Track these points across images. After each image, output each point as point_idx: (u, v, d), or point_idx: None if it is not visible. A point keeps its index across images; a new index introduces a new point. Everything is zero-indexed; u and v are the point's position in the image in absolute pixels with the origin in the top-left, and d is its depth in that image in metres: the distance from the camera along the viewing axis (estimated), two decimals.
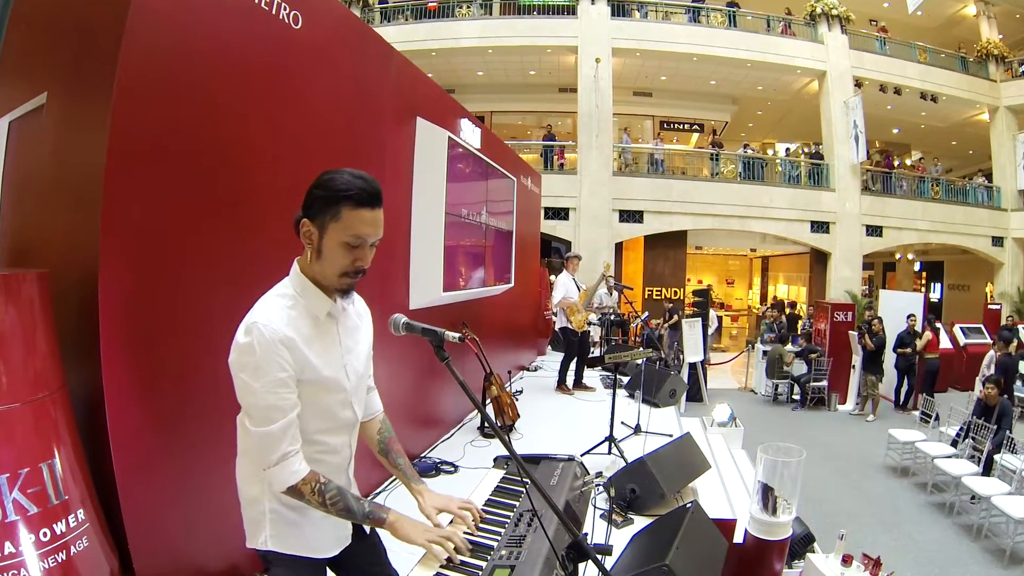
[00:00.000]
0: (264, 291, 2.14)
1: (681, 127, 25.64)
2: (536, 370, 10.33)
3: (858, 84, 21.10)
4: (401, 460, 2.57)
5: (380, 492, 4.56)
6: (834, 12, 20.92)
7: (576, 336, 8.62)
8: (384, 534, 2.43)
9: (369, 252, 2.09)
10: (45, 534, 2.20)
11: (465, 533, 2.54)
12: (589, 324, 9.10)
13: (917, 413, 10.55)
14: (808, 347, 14.74)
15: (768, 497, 3.88)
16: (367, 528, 2.46)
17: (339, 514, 2.14)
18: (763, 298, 29.83)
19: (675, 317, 16.25)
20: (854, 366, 14.29)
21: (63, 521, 2.27)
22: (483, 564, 2.48)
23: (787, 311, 20.54)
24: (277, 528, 2.17)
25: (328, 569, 2.39)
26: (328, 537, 2.30)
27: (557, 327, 9.05)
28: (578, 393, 8.58)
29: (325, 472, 2.19)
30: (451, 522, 2.59)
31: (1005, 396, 9.04)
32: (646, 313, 15.97)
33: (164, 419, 2.81)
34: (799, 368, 14.86)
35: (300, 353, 2.03)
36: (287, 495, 2.08)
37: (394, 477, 2.74)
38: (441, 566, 2.39)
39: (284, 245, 2.11)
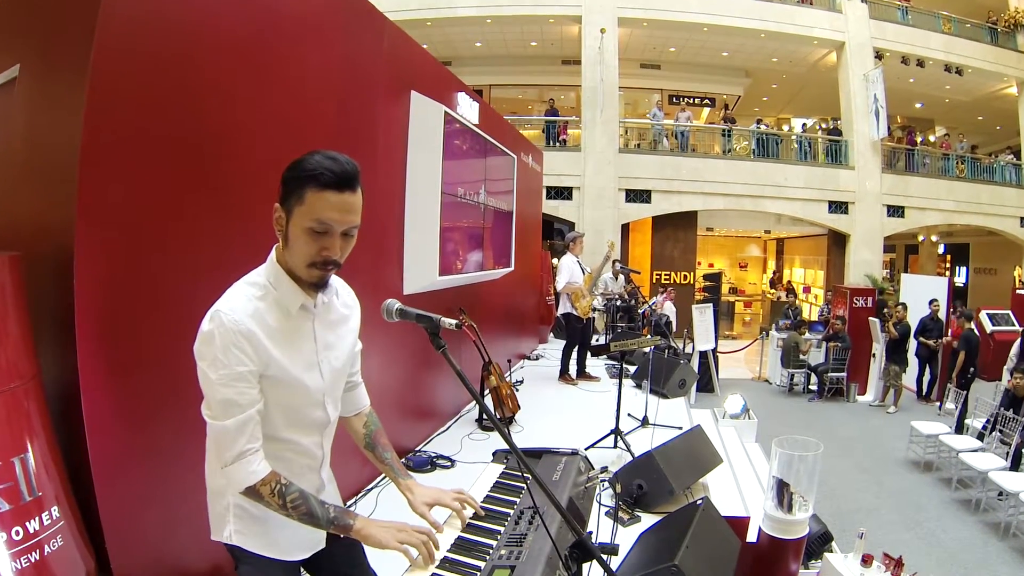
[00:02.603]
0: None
1: (691, 101, 25.54)
2: (537, 359, 10.36)
3: (879, 56, 20.97)
4: (388, 455, 2.56)
5: (372, 488, 4.56)
6: None
7: (581, 322, 8.60)
8: None
9: (340, 242, 2.02)
10: (17, 532, 2.19)
11: (462, 533, 2.54)
12: (594, 311, 9.09)
13: (948, 405, 10.53)
14: (834, 334, 14.62)
15: (783, 493, 3.88)
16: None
17: (301, 519, 2.07)
18: (773, 284, 29.85)
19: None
20: (874, 354, 14.29)
21: (36, 519, 2.26)
22: (481, 564, 2.48)
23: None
24: (241, 525, 2.16)
25: (303, 570, 2.38)
26: (297, 539, 2.27)
27: (559, 313, 9.04)
28: (582, 383, 8.59)
29: (294, 472, 2.18)
30: (446, 521, 2.58)
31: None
32: (654, 299, 15.98)
33: (143, 411, 2.80)
34: (816, 357, 14.85)
35: (263, 348, 1.99)
36: (245, 496, 2.03)
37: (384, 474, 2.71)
38: (437, 566, 2.38)
39: (270, 228, 2.10)
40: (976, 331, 13.41)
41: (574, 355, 8.84)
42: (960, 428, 10.01)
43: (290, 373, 2.08)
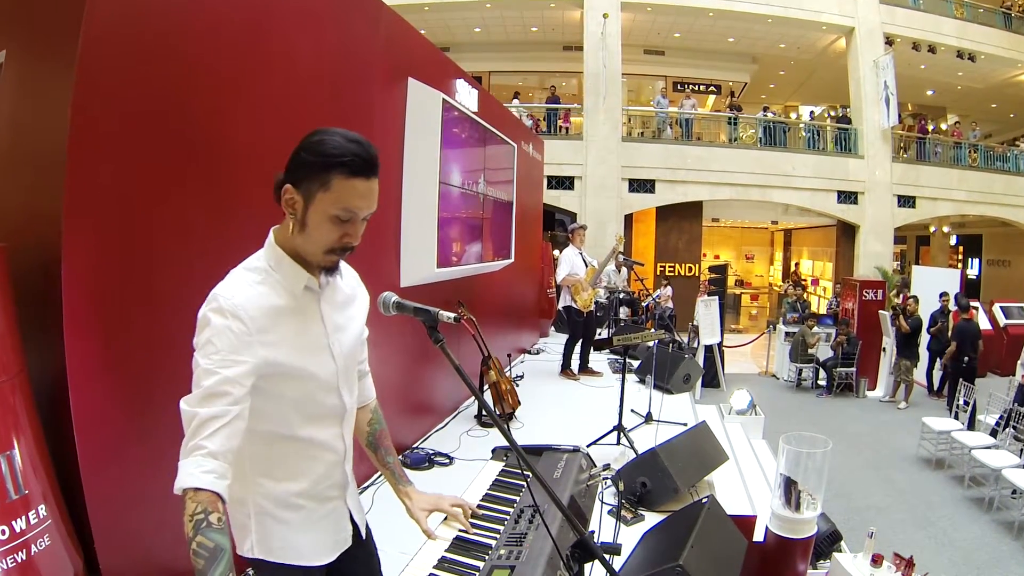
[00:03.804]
0: None
1: (696, 88, 25.51)
2: (538, 353, 10.35)
3: (889, 42, 20.92)
4: (391, 458, 2.51)
5: (369, 487, 4.56)
6: None
7: (581, 317, 8.58)
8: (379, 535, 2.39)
9: (360, 227, 1.98)
10: (3, 532, 2.19)
11: (460, 531, 2.54)
12: (596, 303, 9.08)
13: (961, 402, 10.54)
14: (850, 337, 14.53)
15: (791, 491, 3.88)
16: (363, 532, 2.36)
17: (194, 565, 1.68)
18: (785, 274, 29.87)
19: None
20: (884, 349, 14.26)
21: (23, 518, 2.26)
22: (480, 564, 2.48)
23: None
24: (263, 531, 2.05)
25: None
26: (324, 541, 2.18)
27: (560, 306, 9.03)
28: (584, 378, 8.59)
29: (322, 470, 2.11)
30: (444, 520, 2.57)
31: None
32: (658, 292, 15.98)
33: (133, 406, 2.80)
34: (825, 351, 14.83)
35: (264, 335, 1.89)
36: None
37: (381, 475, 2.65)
38: (435, 567, 2.38)
39: (263, 216, 2.07)
40: (985, 321, 13.37)
41: (577, 349, 8.83)
42: (971, 424, 10.01)
43: (298, 359, 1.99)
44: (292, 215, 1.94)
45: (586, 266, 8.66)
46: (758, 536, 4.09)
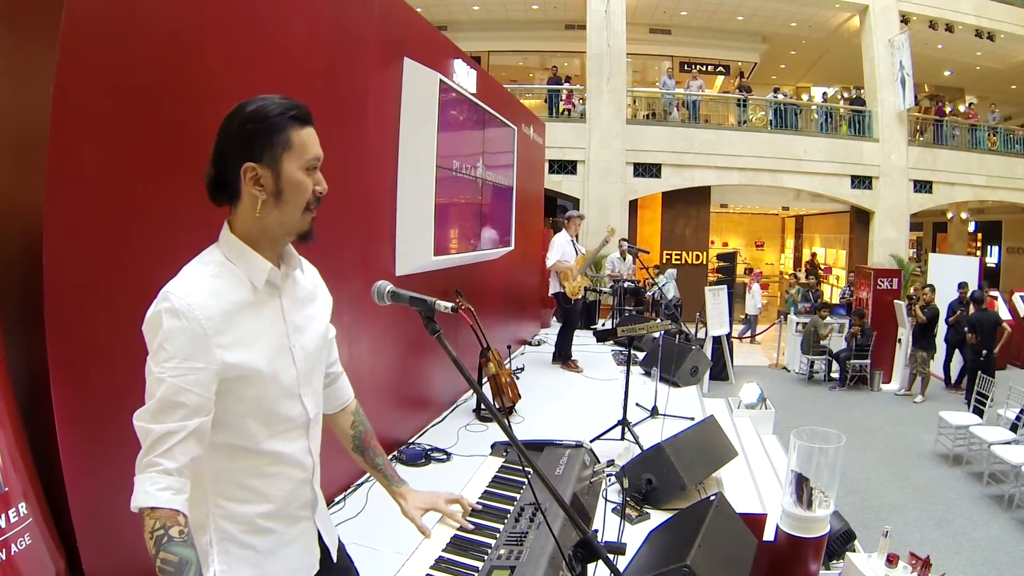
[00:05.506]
0: None
1: (704, 69, 25.45)
2: (539, 344, 10.34)
3: (905, 20, 20.83)
4: (380, 459, 2.49)
5: (363, 483, 4.55)
6: None
7: (569, 303, 8.65)
8: (362, 545, 2.35)
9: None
10: None
11: (458, 531, 2.53)
12: (599, 293, 9.08)
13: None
14: (864, 327, 14.50)
15: (803, 489, 3.88)
16: (334, 554, 2.29)
17: None
18: (796, 263, 29.84)
19: None
20: (900, 340, 14.25)
21: (2, 516, 2.26)
22: (479, 564, 2.48)
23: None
24: (228, 560, 1.94)
25: None
26: (291, 568, 2.10)
27: (550, 292, 9.03)
28: (565, 368, 8.64)
29: (289, 489, 2.04)
30: (440, 519, 2.56)
31: None
32: (663, 281, 15.96)
33: (118, 402, 2.77)
34: (838, 342, 14.81)
35: (222, 337, 1.84)
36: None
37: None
38: (432, 567, 2.38)
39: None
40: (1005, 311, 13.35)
41: (574, 339, 8.84)
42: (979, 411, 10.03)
43: (258, 361, 1.92)
44: (261, 191, 1.94)
45: (577, 254, 8.69)
46: (768, 535, 4.09)
